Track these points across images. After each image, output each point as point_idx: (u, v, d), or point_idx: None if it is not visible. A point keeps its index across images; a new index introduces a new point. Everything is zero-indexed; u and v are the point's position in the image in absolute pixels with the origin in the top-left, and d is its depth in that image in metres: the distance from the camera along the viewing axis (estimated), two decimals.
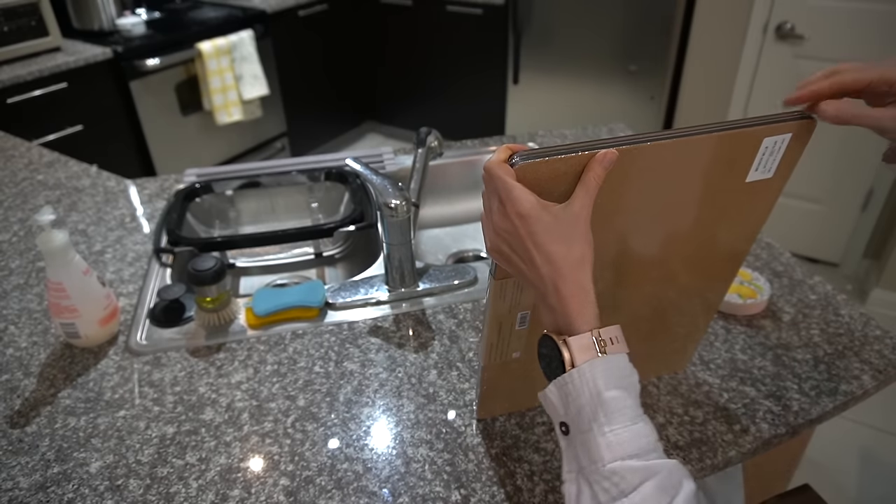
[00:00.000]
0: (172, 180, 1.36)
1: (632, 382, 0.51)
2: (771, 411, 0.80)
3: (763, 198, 0.65)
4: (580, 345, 0.50)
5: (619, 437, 0.48)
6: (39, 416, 0.81)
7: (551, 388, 0.53)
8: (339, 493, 0.70)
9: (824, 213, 2.43)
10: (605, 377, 0.49)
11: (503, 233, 0.53)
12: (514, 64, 2.92)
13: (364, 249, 1.25)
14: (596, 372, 0.49)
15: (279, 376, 0.86)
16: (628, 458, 0.48)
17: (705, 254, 0.69)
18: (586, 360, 0.50)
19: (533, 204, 0.51)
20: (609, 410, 0.49)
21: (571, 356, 0.50)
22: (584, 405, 0.49)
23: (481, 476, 0.72)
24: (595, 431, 0.49)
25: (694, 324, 0.80)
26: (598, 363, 0.50)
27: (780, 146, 0.59)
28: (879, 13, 2.07)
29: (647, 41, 2.55)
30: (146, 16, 2.75)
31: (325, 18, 3.18)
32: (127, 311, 0.99)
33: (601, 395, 0.49)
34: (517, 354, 0.71)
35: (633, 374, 0.52)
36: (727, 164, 0.59)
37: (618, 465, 0.47)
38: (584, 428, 0.49)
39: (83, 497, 0.71)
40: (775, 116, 0.57)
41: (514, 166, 0.51)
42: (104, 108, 2.40)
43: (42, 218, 0.82)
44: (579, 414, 0.50)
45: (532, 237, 0.51)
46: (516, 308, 0.65)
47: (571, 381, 0.50)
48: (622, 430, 0.48)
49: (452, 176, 1.43)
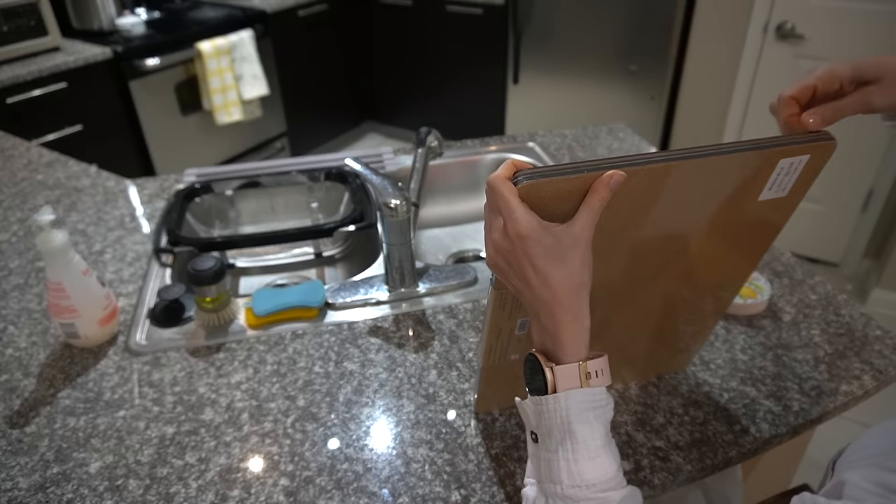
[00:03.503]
0: (172, 180, 1.36)
1: (604, 413, 0.53)
2: (771, 411, 0.80)
3: (775, 215, 0.63)
4: (564, 374, 0.52)
5: (579, 466, 0.51)
6: (39, 416, 0.81)
7: (528, 403, 0.55)
8: (338, 494, 0.70)
9: (824, 213, 2.43)
10: (579, 408, 0.51)
11: (502, 251, 0.52)
12: (514, 64, 2.92)
13: (364, 249, 1.25)
14: (570, 402, 0.51)
15: (279, 376, 0.86)
16: (585, 487, 0.50)
17: (715, 264, 0.69)
18: (567, 388, 0.51)
19: (533, 226, 0.50)
20: (576, 440, 0.51)
21: (554, 382, 0.52)
22: (554, 429, 0.52)
23: (481, 476, 0.72)
24: (560, 455, 0.51)
25: (701, 324, 0.80)
26: (575, 394, 0.51)
27: (796, 167, 0.57)
28: (879, 13, 2.07)
29: (647, 41, 2.55)
30: (146, 16, 2.75)
31: (325, 18, 3.18)
32: (127, 311, 0.99)
33: (571, 424, 0.51)
34: (516, 356, 0.71)
35: (608, 405, 0.53)
36: (739, 184, 0.57)
37: (573, 492, 0.50)
38: (551, 448, 0.52)
39: (83, 497, 0.71)
40: (793, 138, 0.56)
41: (517, 185, 0.50)
42: (104, 108, 2.40)
43: (42, 218, 0.82)
44: (549, 435, 0.52)
45: (530, 258, 0.50)
46: (516, 314, 0.65)
47: (547, 404, 0.52)
48: (585, 461, 0.51)
49: (452, 176, 1.43)
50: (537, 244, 0.50)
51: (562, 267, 0.50)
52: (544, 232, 0.50)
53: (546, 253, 0.50)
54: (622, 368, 0.83)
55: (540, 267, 0.50)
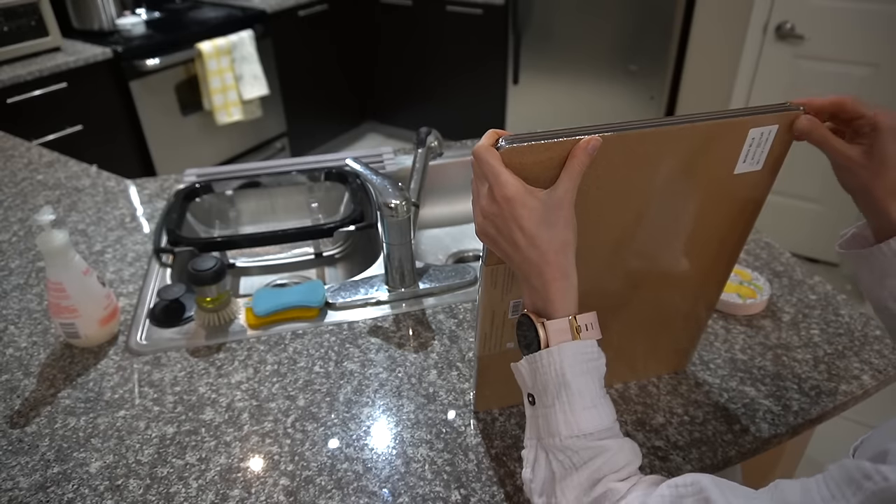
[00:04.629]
0: (172, 180, 1.36)
1: (597, 366, 0.55)
2: (771, 411, 0.80)
3: (754, 192, 0.65)
4: (556, 328, 0.54)
5: (576, 416, 0.52)
6: (39, 416, 0.81)
7: (523, 363, 0.56)
8: (339, 493, 0.70)
9: (824, 213, 2.43)
10: (572, 361, 0.53)
11: (490, 216, 0.54)
12: (514, 64, 2.92)
13: (364, 249, 1.25)
14: (564, 355, 0.53)
15: (279, 376, 0.86)
16: (582, 437, 0.52)
17: (700, 247, 0.69)
18: (559, 342, 0.53)
19: (518, 188, 0.52)
20: (571, 391, 0.52)
21: (547, 337, 0.54)
22: (549, 383, 0.53)
23: (481, 476, 0.72)
24: (556, 408, 0.53)
25: (695, 318, 0.81)
26: (568, 347, 0.53)
27: (766, 138, 0.59)
28: (879, 13, 2.08)
29: (647, 41, 2.55)
30: (146, 16, 2.75)
31: (325, 18, 3.18)
32: (127, 311, 0.99)
33: (565, 376, 0.53)
34: (511, 345, 0.72)
35: (599, 359, 0.55)
36: (714, 154, 0.59)
37: (571, 442, 0.52)
38: (547, 403, 0.54)
39: (83, 497, 0.71)
40: (761, 108, 0.58)
41: (499, 149, 0.53)
42: (104, 108, 2.40)
43: (42, 218, 0.82)
44: (545, 390, 0.54)
45: (517, 220, 0.53)
46: (508, 296, 0.65)
47: (541, 360, 0.54)
48: (581, 410, 0.52)
49: (452, 176, 1.43)
50: (523, 206, 0.52)
51: (547, 228, 0.53)
52: (529, 195, 0.52)
53: (532, 215, 0.52)
54: (622, 369, 0.83)
55: (527, 228, 0.52)
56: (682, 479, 0.48)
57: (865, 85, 2.19)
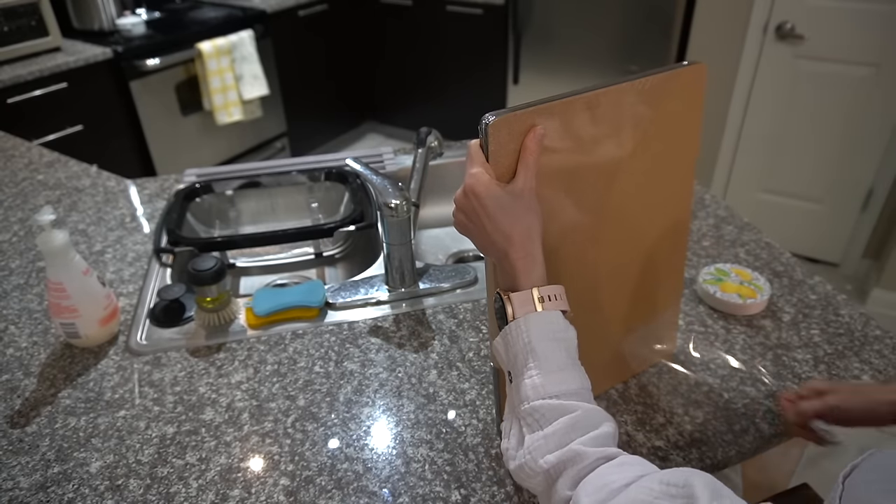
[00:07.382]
0: (172, 180, 1.36)
1: (566, 337, 0.58)
2: (771, 411, 0.80)
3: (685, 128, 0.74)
4: (520, 300, 0.58)
5: (543, 379, 0.55)
6: (39, 416, 0.81)
7: (498, 339, 0.60)
8: (339, 493, 0.70)
9: (824, 213, 2.43)
10: (538, 330, 0.56)
11: (463, 207, 0.61)
12: (514, 64, 2.92)
13: (364, 249, 1.25)
14: (530, 324, 0.57)
15: (279, 376, 0.86)
16: (549, 398, 0.54)
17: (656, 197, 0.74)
18: (525, 313, 0.57)
19: (485, 183, 0.58)
20: (538, 357, 0.55)
21: (513, 309, 0.58)
22: (518, 353, 0.57)
23: (481, 476, 0.72)
24: (525, 375, 0.56)
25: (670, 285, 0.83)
26: (534, 317, 0.57)
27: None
28: (879, 13, 2.07)
29: (647, 41, 2.55)
30: (146, 16, 2.75)
31: (325, 18, 3.18)
32: (127, 311, 0.99)
33: (531, 343, 0.56)
34: None
35: (567, 330, 0.58)
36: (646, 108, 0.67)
37: (538, 404, 0.54)
38: (518, 373, 0.57)
39: (83, 497, 0.71)
40: (668, 67, 0.68)
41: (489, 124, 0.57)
42: (104, 108, 2.40)
43: (42, 218, 0.82)
44: (515, 360, 0.57)
45: (484, 210, 0.58)
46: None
47: (510, 331, 0.58)
48: (547, 374, 0.55)
49: (452, 176, 1.43)
50: (489, 198, 0.58)
51: (511, 217, 0.58)
52: (494, 187, 0.58)
53: (496, 206, 0.58)
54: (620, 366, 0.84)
55: (493, 217, 0.58)
56: (675, 476, 0.46)
57: (865, 85, 2.19)
